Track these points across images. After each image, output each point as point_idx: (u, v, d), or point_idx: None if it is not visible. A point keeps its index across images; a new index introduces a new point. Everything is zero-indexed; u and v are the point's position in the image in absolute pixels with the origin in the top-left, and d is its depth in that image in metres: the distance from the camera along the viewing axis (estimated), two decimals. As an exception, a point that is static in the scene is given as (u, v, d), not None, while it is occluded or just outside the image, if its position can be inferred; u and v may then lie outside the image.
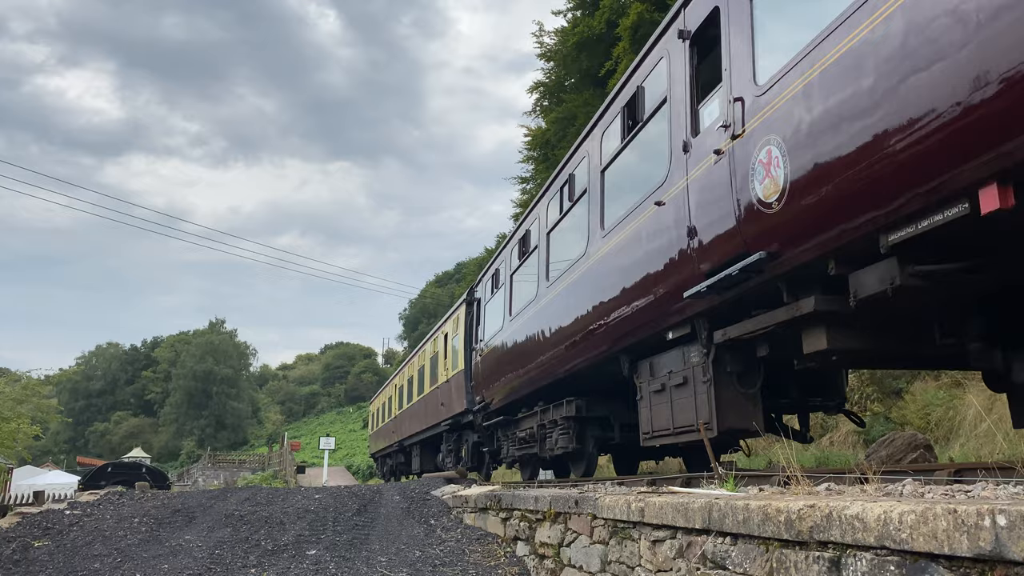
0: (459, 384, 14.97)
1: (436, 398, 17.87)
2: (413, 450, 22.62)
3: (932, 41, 3.46)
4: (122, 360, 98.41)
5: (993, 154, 3.22)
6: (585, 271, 8.00)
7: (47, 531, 7.78)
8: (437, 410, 17.63)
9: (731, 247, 5.09)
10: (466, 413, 14.65)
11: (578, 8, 26.14)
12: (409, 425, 22.24)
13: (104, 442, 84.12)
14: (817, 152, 4.20)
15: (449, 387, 16.24)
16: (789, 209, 4.48)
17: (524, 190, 31.70)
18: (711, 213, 5.38)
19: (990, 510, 2.10)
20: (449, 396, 16.22)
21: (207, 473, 48.53)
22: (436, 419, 17.81)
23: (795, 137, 4.41)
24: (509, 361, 11.23)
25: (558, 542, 5.62)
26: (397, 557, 6.53)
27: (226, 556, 6.65)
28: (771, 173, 4.64)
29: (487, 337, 12.95)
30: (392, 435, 26.29)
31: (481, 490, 8.15)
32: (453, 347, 16.01)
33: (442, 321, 18.58)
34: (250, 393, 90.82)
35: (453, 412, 15.72)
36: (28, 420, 37.06)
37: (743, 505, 3.26)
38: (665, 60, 6.53)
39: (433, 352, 18.87)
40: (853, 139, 3.93)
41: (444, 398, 16.82)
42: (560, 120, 25.81)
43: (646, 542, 4.23)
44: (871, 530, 2.49)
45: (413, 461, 22.63)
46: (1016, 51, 3.03)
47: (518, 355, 10.70)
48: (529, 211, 10.82)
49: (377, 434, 32.10)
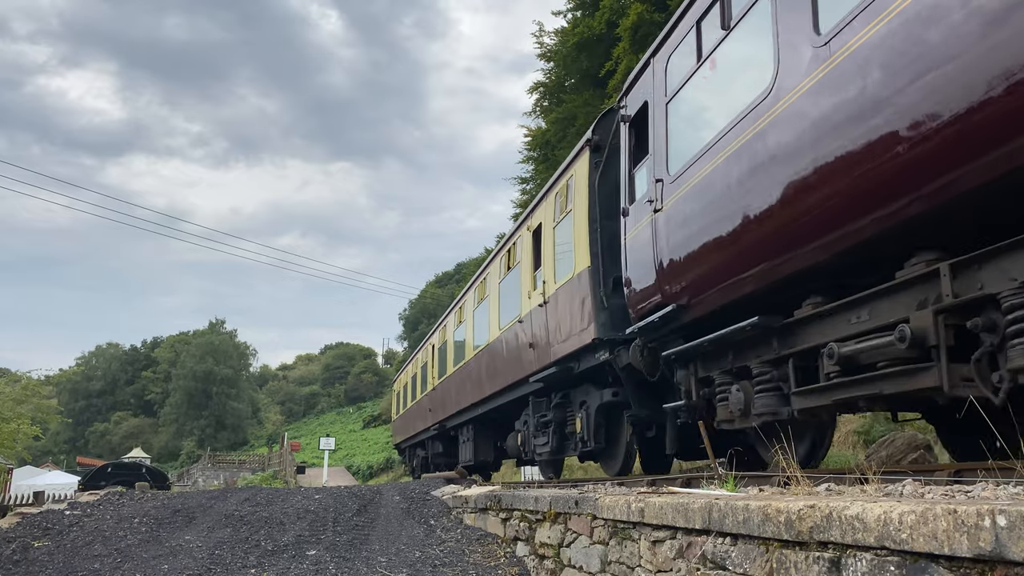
0: (575, 299, 8.96)
1: (513, 341, 11.53)
2: (463, 433, 16.29)
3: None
4: (122, 360, 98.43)
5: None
6: None
7: (47, 531, 7.78)
8: (516, 361, 11.41)
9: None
10: (591, 350, 8.68)
11: (578, 8, 26.18)
12: (458, 396, 15.76)
13: (104, 442, 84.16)
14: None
15: (546, 315, 10.02)
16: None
17: (524, 190, 31.71)
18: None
19: (990, 510, 2.10)
20: (545, 329, 10.08)
21: (207, 473, 48.57)
22: (514, 375, 11.50)
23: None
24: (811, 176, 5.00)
25: (558, 542, 5.62)
26: (397, 557, 6.53)
27: (226, 556, 6.65)
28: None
29: (690, 163, 6.24)
30: (427, 416, 19.72)
31: (481, 490, 8.16)
32: (561, 241, 9.72)
33: (529, 210, 11.46)
34: (250, 393, 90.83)
35: (555, 355, 9.61)
36: (28, 420, 37.09)
37: (743, 505, 3.26)
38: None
39: (509, 265, 12.28)
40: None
41: (535, 334, 10.52)
42: (560, 120, 25.84)
43: (646, 542, 4.23)
44: (871, 530, 2.49)
45: (463, 449, 16.33)
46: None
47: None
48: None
49: (404, 419, 24.67)
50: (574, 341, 9.02)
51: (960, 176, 3.69)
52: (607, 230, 8.46)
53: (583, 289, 8.76)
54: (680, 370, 6.73)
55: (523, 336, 11.07)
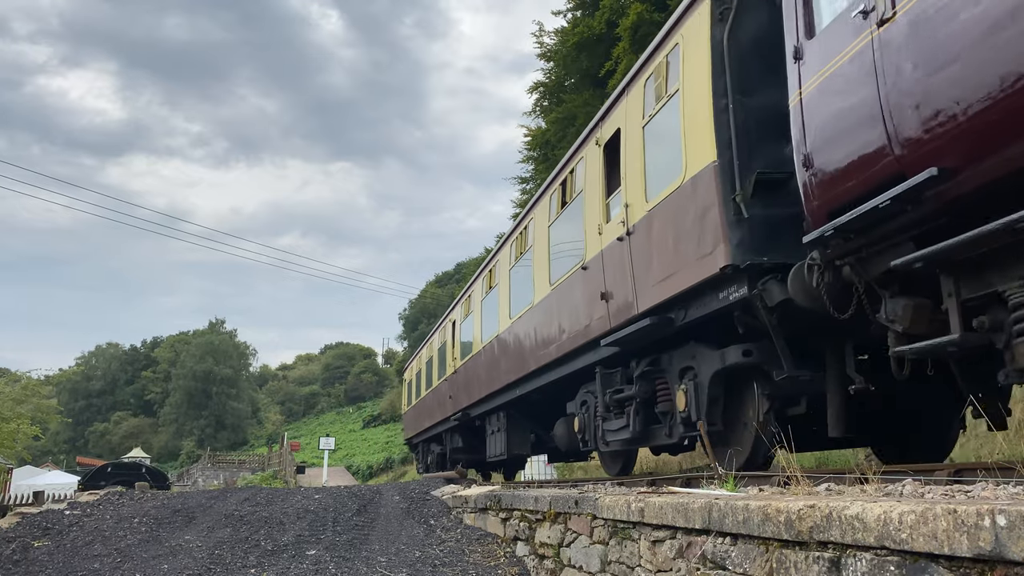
0: (686, 216, 6.39)
1: (572, 297, 8.96)
2: (492, 422, 13.54)
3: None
4: (122, 360, 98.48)
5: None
6: None
7: (47, 531, 7.78)
8: (575, 322, 8.87)
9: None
10: (712, 287, 6.19)
11: (578, 8, 26.16)
12: (488, 377, 13.06)
13: (104, 442, 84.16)
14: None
15: (629, 251, 7.41)
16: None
17: (524, 190, 31.71)
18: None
19: (990, 510, 2.10)
20: (626, 271, 7.48)
21: (207, 473, 48.55)
22: (573, 341, 8.94)
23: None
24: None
25: (558, 542, 5.62)
26: (397, 557, 6.53)
27: (226, 556, 6.65)
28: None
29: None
30: (446, 404, 16.78)
31: (481, 490, 8.15)
32: (657, 141, 7.14)
33: (596, 120, 8.68)
34: (250, 393, 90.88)
35: (645, 305, 7.09)
36: (28, 420, 37.09)
37: (743, 505, 3.26)
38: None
39: (564, 200, 9.62)
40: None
41: (608, 281, 7.93)
42: (560, 120, 25.81)
43: (646, 542, 4.23)
44: (871, 530, 2.49)
45: (492, 441, 13.57)
46: None
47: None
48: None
49: (417, 410, 21.54)
50: (681, 278, 6.42)
51: None
52: (744, 108, 5.98)
53: (703, 197, 6.08)
54: (898, 298, 4.48)
55: (588, 288, 8.47)
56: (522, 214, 11.80)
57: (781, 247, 5.56)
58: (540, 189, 10.97)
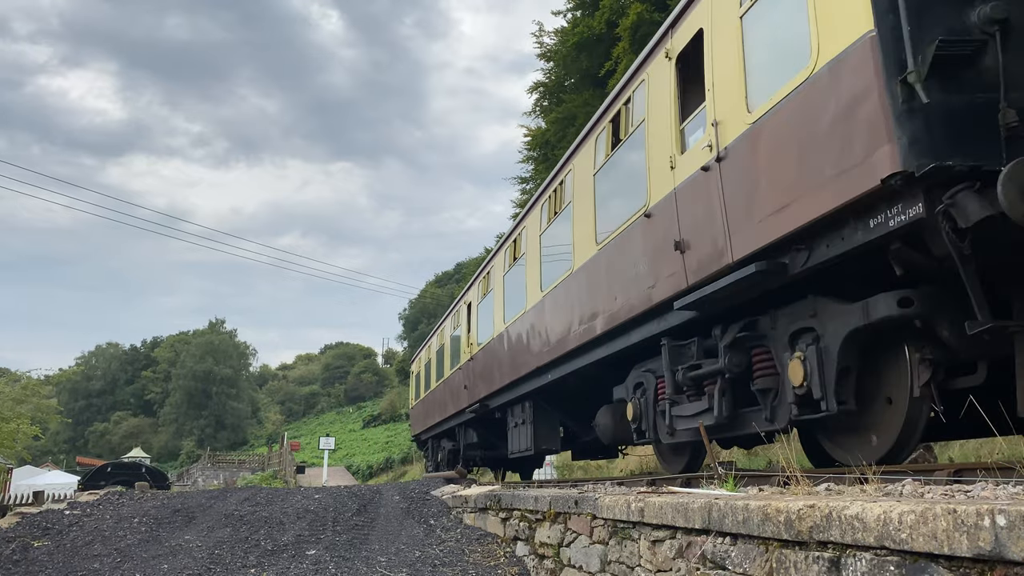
0: (824, 113, 4.71)
1: (630, 254, 7.44)
2: (515, 413, 12.01)
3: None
4: (122, 360, 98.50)
5: None
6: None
7: (47, 531, 7.78)
8: (633, 284, 7.32)
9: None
10: (864, 208, 4.47)
11: (578, 8, 26.17)
12: (512, 361, 11.43)
13: (104, 442, 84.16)
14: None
15: (719, 183, 5.84)
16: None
17: (524, 190, 31.69)
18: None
19: (990, 510, 2.10)
20: (714, 208, 5.92)
21: (207, 473, 48.56)
22: (631, 308, 7.38)
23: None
24: None
25: (558, 542, 5.62)
26: (397, 557, 6.53)
27: (226, 556, 6.65)
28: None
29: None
30: (460, 396, 15.09)
31: (481, 490, 8.15)
32: (770, 26, 5.44)
33: (670, 22, 6.95)
34: (250, 393, 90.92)
35: (744, 249, 5.49)
36: (28, 420, 37.09)
37: (743, 505, 3.26)
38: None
39: (619, 134, 7.93)
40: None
41: (685, 227, 6.42)
42: (560, 120, 25.81)
43: (646, 542, 4.23)
44: (871, 530, 2.49)
45: (515, 435, 11.99)
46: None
47: None
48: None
49: (426, 404, 19.68)
50: (806, 206, 4.82)
51: None
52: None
53: (852, 85, 4.48)
54: None
55: (652, 240, 6.97)
56: (557, 167, 10.06)
57: (971, 147, 4.02)
58: (580, 134, 9.24)
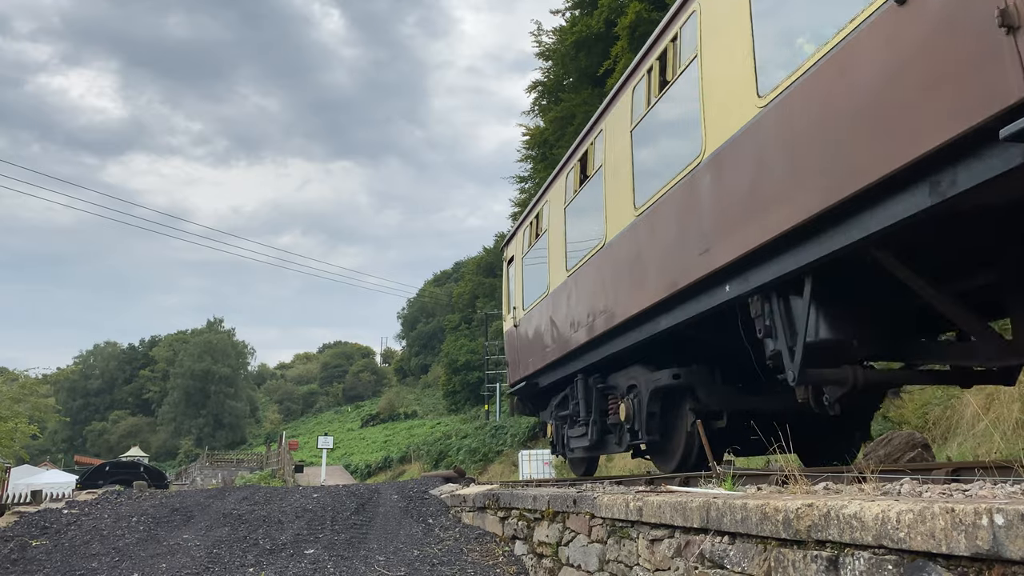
0: None
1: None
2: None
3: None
4: (120, 359, 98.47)
5: None
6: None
7: (45, 530, 7.77)
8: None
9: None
10: None
11: (577, 7, 26.17)
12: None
13: (102, 441, 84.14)
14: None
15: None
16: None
17: (523, 189, 31.69)
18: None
19: (988, 509, 2.10)
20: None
21: (205, 472, 48.51)
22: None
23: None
24: None
25: (556, 541, 5.62)
26: (395, 556, 6.53)
27: (224, 555, 6.64)
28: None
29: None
30: (631, 290, 7.29)
31: (479, 489, 8.16)
32: None
33: None
34: (248, 392, 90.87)
35: None
36: (26, 419, 36.99)
37: (741, 504, 3.26)
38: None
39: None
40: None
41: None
42: (558, 119, 25.81)
43: (644, 541, 4.23)
44: (869, 529, 2.50)
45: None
46: None
47: None
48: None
49: (563, 309, 9.46)
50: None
51: None
52: None
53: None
54: None
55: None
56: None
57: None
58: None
